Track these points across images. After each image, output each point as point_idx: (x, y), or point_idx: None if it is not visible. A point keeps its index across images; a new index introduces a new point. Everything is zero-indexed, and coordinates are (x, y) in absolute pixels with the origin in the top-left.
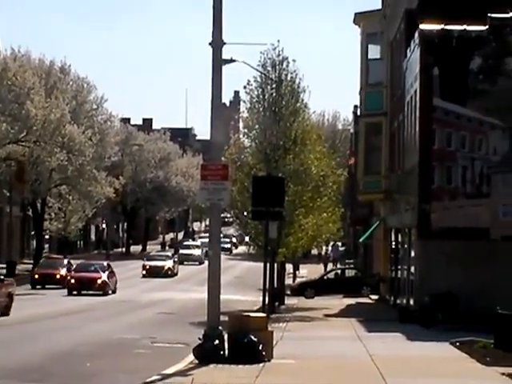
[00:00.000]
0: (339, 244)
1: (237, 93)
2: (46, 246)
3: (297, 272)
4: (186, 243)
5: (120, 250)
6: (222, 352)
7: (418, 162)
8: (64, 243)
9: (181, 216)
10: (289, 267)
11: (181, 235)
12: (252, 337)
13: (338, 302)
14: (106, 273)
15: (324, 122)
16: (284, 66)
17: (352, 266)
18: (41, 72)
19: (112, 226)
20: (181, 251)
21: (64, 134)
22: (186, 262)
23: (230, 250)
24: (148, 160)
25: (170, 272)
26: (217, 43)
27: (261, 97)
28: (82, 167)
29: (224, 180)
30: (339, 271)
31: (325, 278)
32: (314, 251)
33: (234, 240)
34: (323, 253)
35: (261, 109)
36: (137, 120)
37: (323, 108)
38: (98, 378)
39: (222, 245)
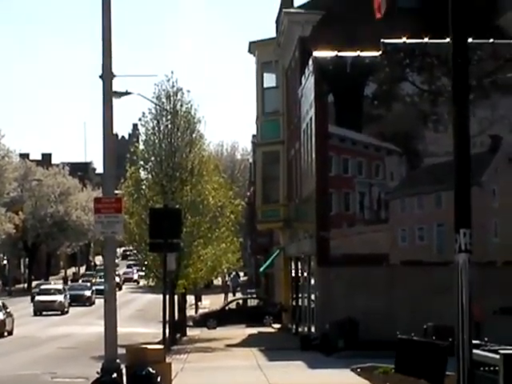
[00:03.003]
0: (241, 274)
1: (135, 126)
2: None
3: (199, 303)
4: (43, 286)
5: (22, 285)
6: None
7: (315, 189)
8: None
9: (82, 250)
10: (191, 298)
11: (83, 269)
12: (150, 369)
13: (241, 332)
14: (1, 313)
15: (223, 152)
16: (179, 96)
17: (254, 295)
18: None
19: (13, 261)
20: (37, 298)
21: None
22: (44, 312)
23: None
24: (48, 195)
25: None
26: (107, 75)
27: (156, 128)
28: None
29: (117, 213)
30: (241, 301)
31: (226, 308)
32: (218, 281)
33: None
34: (222, 283)
35: (156, 140)
36: (36, 155)
37: (222, 138)
38: None
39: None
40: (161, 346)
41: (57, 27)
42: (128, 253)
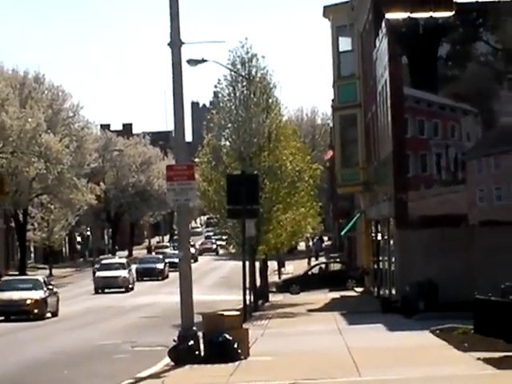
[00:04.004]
0: (325, 238)
1: (216, 93)
2: (32, 255)
3: (282, 268)
4: (105, 261)
5: (106, 256)
6: (197, 352)
7: (392, 151)
8: (49, 253)
9: (166, 219)
10: (273, 264)
11: (167, 238)
12: (226, 336)
13: (323, 297)
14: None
15: (303, 117)
16: (254, 62)
17: (337, 259)
18: (15, 83)
19: (97, 232)
20: (98, 273)
21: (41, 143)
22: (106, 290)
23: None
24: (129, 165)
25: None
26: (175, 43)
27: (232, 95)
28: (62, 175)
29: (190, 180)
30: (323, 265)
31: (309, 273)
32: (302, 247)
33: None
34: (306, 248)
35: (233, 107)
36: (117, 126)
37: (301, 104)
38: None
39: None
40: (237, 313)
41: None
42: (212, 220)
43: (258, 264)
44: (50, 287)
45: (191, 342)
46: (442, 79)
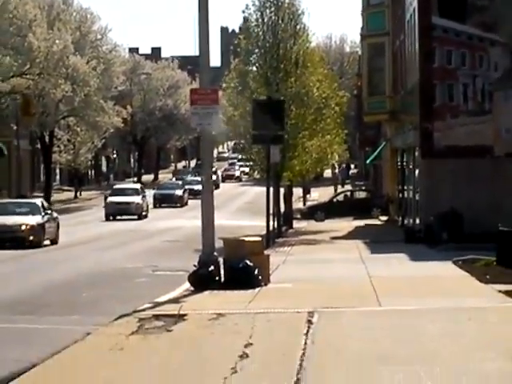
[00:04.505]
0: (352, 166)
1: (246, 19)
2: (57, 178)
3: (307, 195)
4: (117, 186)
5: (131, 179)
6: (217, 278)
7: (419, 80)
8: (74, 175)
9: (192, 144)
10: (299, 191)
11: (193, 163)
12: (247, 261)
13: (347, 224)
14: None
15: (331, 44)
16: None
17: (362, 187)
18: (43, 4)
19: (123, 156)
20: (110, 199)
21: (68, 65)
22: (118, 217)
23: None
24: (156, 88)
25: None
26: None
27: (260, 20)
28: (89, 98)
29: (214, 104)
30: (348, 193)
31: (334, 200)
32: (328, 174)
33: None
34: (333, 175)
35: (260, 32)
36: (146, 49)
37: (331, 31)
38: (90, 307)
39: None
40: (259, 238)
41: None
42: (238, 146)
43: (282, 190)
44: (49, 212)
45: (211, 268)
46: (471, 8)
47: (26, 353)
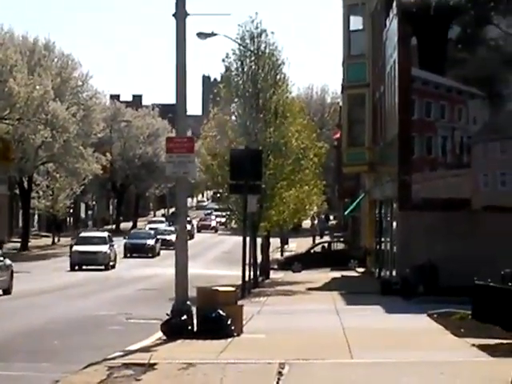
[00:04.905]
0: (331, 217)
1: (227, 68)
2: (35, 223)
3: (285, 246)
4: (84, 234)
5: (110, 226)
6: (190, 327)
7: (398, 132)
8: (53, 221)
9: (171, 192)
10: (277, 241)
11: (172, 210)
12: (220, 311)
13: (324, 276)
14: None
15: (313, 95)
16: (263, 38)
17: (340, 238)
18: (24, 49)
19: (102, 203)
20: (75, 248)
21: (47, 111)
22: (84, 267)
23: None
24: (136, 136)
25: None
26: (180, 14)
27: (240, 69)
28: (68, 144)
29: (189, 153)
30: (326, 244)
31: (311, 251)
32: (307, 225)
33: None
34: (311, 226)
35: (240, 81)
36: (127, 97)
37: (312, 81)
38: (61, 355)
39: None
40: (233, 289)
41: None
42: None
43: (260, 240)
44: (0, 259)
45: (184, 317)
46: (451, 62)
47: None
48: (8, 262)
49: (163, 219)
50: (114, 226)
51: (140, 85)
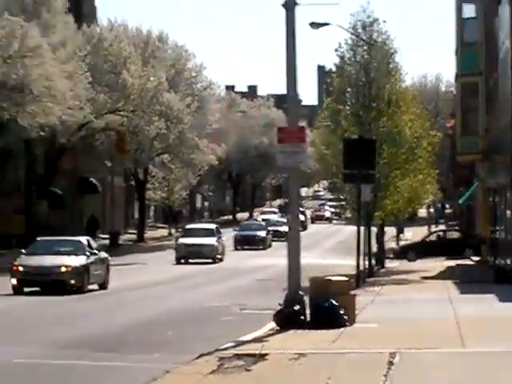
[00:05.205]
0: (446, 206)
1: (342, 58)
2: (151, 215)
3: (401, 235)
4: (189, 226)
5: (226, 217)
6: (302, 317)
7: (511, 120)
8: (169, 212)
9: (287, 182)
10: (392, 230)
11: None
12: (333, 301)
13: (439, 264)
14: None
15: (427, 83)
16: (375, 27)
17: (455, 227)
18: (138, 41)
19: (218, 193)
20: (181, 240)
21: (162, 102)
22: (190, 260)
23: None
24: (252, 126)
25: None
26: (289, 4)
27: (352, 59)
28: (183, 135)
29: (301, 143)
30: (441, 233)
31: (427, 240)
32: (423, 213)
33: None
34: (427, 215)
35: (353, 71)
36: (242, 87)
37: (426, 70)
38: (174, 346)
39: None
40: (345, 278)
41: None
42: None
43: (374, 230)
44: (96, 252)
45: (297, 307)
46: None
47: None
48: (104, 254)
49: (276, 210)
50: (230, 217)
51: (255, 75)
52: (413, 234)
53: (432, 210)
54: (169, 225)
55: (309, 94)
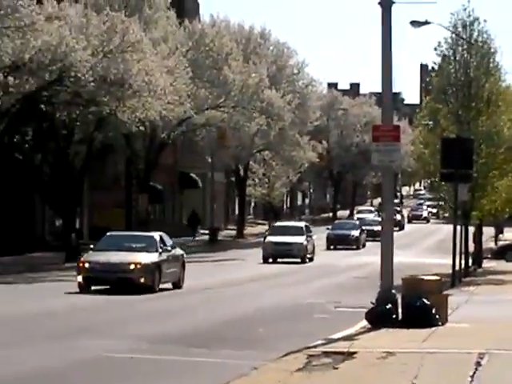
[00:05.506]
0: None
1: (444, 56)
2: (251, 211)
3: (500, 235)
4: (278, 224)
5: (327, 215)
6: (394, 316)
7: None
8: (269, 209)
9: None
10: (491, 230)
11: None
12: (424, 300)
13: None
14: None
15: None
16: (475, 26)
17: None
18: (240, 37)
19: (318, 190)
20: (269, 238)
21: (263, 99)
22: (279, 259)
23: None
24: (353, 124)
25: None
26: (385, 2)
27: (452, 58)
28: (284, 132)
29: (395, 141)
30: None
31: None
32: None
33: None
34: None
35: (452, 70)
36: (344, 85)
37: None
38: (265, 343)
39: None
40: (437, 277)
41: None
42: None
43: (472, 229)
44: (169, 249)
45: (389, 305)
46: None
47: None
48: (179, 251)
49: (372, 209)
50: (331, 214)
51: (358, 73)
52: None
53: None
54: (269, 221)
55: (411, 92)
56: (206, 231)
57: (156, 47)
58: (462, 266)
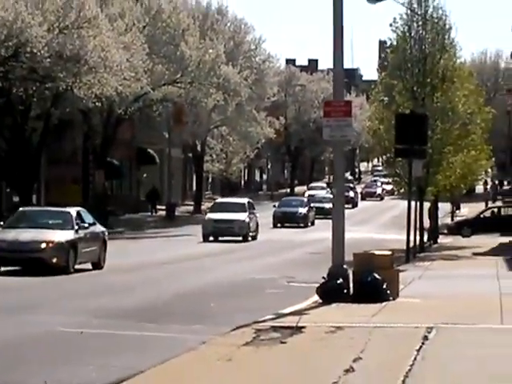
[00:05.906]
0: (505, 182)
1: (400, 33)
2: (209, 187)
3: (457, 211)
4: (219, 200)
5: (285, 190)
6: (345, 291)
7: None
8: (226, 184)
9: (347, 156)
10: (448, 206)
11: (347, 175)
12: (376, 275)
13: (492, 241)
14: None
15: (486, 60)
16: (430, 2)
17: (510, 204)
18: (197, 13)
19: (276, 166)
20: (209, 215)
21: (219, 75)
22: (220, 238)
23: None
24: (311, 100)
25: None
26: None
27: (407, 34)
28: (241, 107)
29: (347, 116)
30: (496, 209)
31: (481, 216)
32: (480, 190)
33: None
34: (484, 191)
35: (407, 46)
36: (302, 61)
37: (486, 46)
38: (216, 318)
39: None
40: (389, 252)
41: None
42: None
43: (428, 205)
44: (86, 226)
45: (340, 280)
46: None
47: (137, 360)
48: (100, 228)
49: (324, 185)
50: (288, 190)
51: (317, 50)
52: (469, 210)
53: (489, 186)
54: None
55: (370, 69)
56: (164, 207)
57: (113, 23)
58: (417, 241)
